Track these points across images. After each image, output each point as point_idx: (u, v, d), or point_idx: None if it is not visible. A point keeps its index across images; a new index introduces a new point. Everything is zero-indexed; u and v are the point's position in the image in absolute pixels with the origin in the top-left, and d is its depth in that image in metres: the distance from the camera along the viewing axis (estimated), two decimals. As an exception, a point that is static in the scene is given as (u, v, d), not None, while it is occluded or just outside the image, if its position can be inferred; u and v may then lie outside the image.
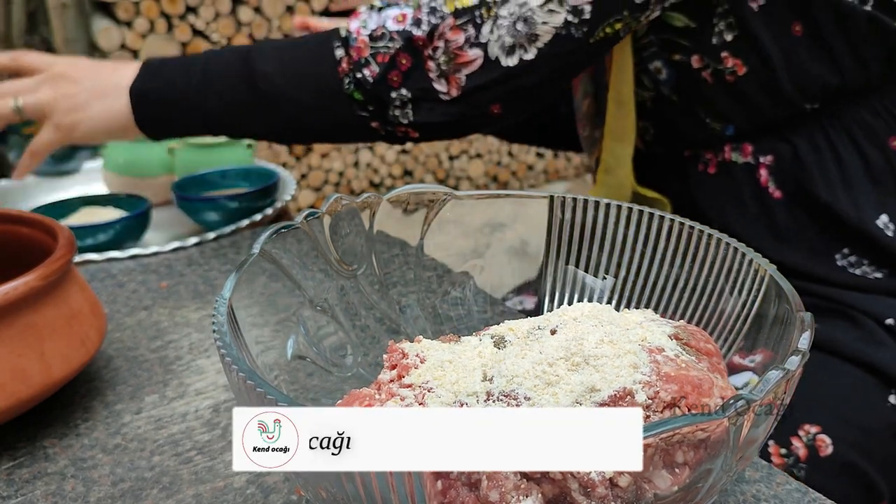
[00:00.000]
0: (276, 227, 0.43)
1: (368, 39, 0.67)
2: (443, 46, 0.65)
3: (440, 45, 0.65)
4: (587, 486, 0.29)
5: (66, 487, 0.44)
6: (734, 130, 0.74)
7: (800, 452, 0.64)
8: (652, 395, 0.32)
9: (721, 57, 0.70)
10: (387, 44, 0.66)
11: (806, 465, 0.64)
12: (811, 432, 0.64)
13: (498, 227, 0.51)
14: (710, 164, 0.76)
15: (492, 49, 0.64)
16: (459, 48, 0.64)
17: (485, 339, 0.41)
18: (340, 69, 0.68)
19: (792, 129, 0.72)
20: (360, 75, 0.67)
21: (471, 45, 0.64)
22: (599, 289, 0.49)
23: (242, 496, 0.43)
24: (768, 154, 0.73)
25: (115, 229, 0.76)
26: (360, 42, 0.67)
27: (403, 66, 0.66)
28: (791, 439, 0.64)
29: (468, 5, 0.64)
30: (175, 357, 0.57)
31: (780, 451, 0.64)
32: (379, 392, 0.38)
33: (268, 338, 0.42)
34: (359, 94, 0.68)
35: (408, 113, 0.68)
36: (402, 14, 0.67)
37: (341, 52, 0.68)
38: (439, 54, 0.65)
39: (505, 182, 2.79)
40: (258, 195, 0.83)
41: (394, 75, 0.66)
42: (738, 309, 0.42)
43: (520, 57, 0.64)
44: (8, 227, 0.55)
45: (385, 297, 0.49)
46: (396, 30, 0.66)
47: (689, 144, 0.78)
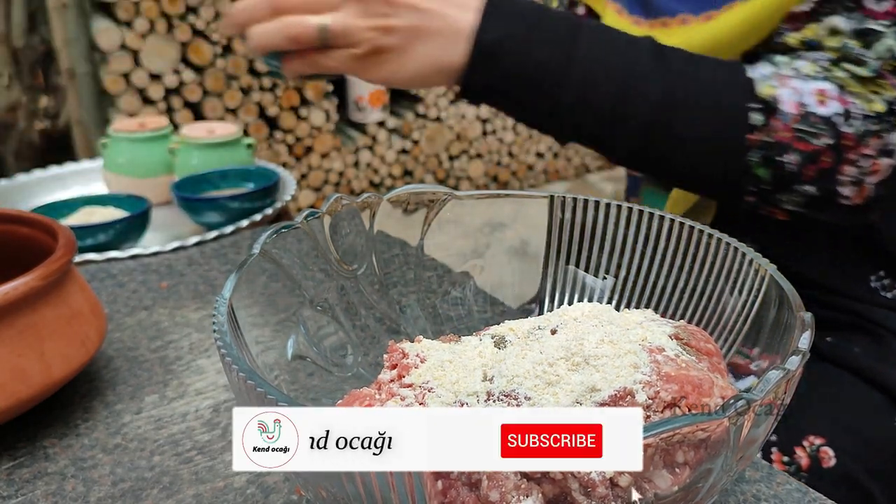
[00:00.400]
0: (276, 227, 0.43)
1: (800, 120, 0.58)
2: (868, 153, 0.58)
3: (867, 151, 0.58)
4: (587, 486, 0.29)
5: (67, 487, 0.44)
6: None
7: (802, 462, 0.63)
8: (652, 394, 0.32)
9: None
10: (812, 130, 0.58)
11: (807, 475, 0.63)
12: (815, 443, 0.64)
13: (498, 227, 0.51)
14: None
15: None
16: (874, 156, 0.58)
17: (485, 339, 0.41)
18: (751, 137, 0.59)
19: None
20: (779, 159, 0.58)
21: (881, 154, 0.58)
22: (599, 289, 0.49)
23: (242, 496, 0.43)
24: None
25: (115, 229, 0.76)
26: (793, 119, 0.58)
27: (824, 163, 0.58)
28: (795, 448, 0.64)
29: (882, 111, 0.58)
30: (175, 357, 0.57)
31: (783, 459, 0.64)
32: (379, 392, 0.38)
33: (268, 338, 0.42)
34: (764, 172, 0.59)
35: (798, 203, 0.61)
36: (822, 91, 0.58)
37: (760, 117, 0.58)
38: (861, 161, 0.58)
39: (505, 182, 2.79)
40: (258, 195, 0.83)
41: (810, 170, 0.59)
42: (739, 309, 0.42)
43: None
44: (8, 227, 0.55)
45: (385, 297, 0.49)
46: (823, 116, 0.58)
47: None
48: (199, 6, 1.99)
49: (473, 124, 2.62)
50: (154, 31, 1.95)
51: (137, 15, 1.93)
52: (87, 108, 2.04)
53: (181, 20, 1.99)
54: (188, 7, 1.99)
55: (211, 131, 0.93)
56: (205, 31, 2.02)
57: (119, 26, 1.92)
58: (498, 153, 2.74)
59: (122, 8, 1.91)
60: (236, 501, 0.42)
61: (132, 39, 1.93)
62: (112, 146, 0.93)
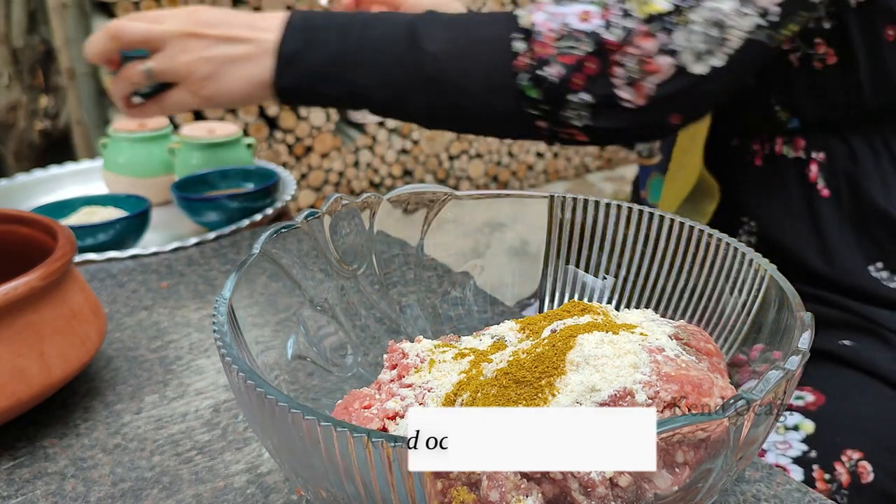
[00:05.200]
0: (276, 227, 0.43)
1: (554, 37, 0.63)
2: (634, 54, 0.61)
3: (632, 51, 0.61)
4: (587, 485, 0.29)
5: (66, 487, 0.44)
6: (798, 123, 0.72)
7: (842, 479, 0.63)
8: (652, 394, 0.32)
9: (814, 42, 0.68)
10: (573, 44, 0.63)
11: (848, 492, 0.63)
12: (853, 458, 0.64)
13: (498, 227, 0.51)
14: (756, 155, 0.75)
15: (683, 57, 0.61)
16: (650, 56, 0.61)
17: (485, 339, 0.41)
18: (517, 63, 0.64)
19: (849, 127, 0.71)
20: (541, 73, 0.63)
21: (661, 53, 0.61)
22: (599, 289, 0.49)
23: (242, 496, 0.43)
24: (821, 151, 0.71)
25: (115, 229, 0.76)
26: (546, 37, 0.63)
27: (590, 70, 0.62)
28: (835, 465, 0.63)
29: (661, 11, 0.61)
30: (175, 357, 0.57)
31: (825, 477, 0.63)
32: (379, 392, 0.38)
33: (268, 338, 0.42)
34: (534, 91, 0.64)
35: (584, 117, 0.64)
36: (586, 12, 0.64)
37: (522, 45, 0.64)
38: (629, 62, 0.62)
39: (505, 182, 2.79)
40: (258, 195, 0.83)
41: (577, 78, 0.63)
42: (739, 309, 0.42)
43: (710, 64, 0.61)
44: (8, 227, 0.55)
45: (385, 297, 0.49)
46: (584, 30, 0.63)
47: (742, 131, 0.76)
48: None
49: (473, 124, 2.62)
50: (154, 31, 1.95)
51: (137, 15, 1.93)
52: (87, 108, 2.04)
53: (181, 20, 1.98)
54: (188, 7, 1.99)
55: (211, 131, 0.93)
56: (205, 31, 2.02)
57: (119, 26, 1.92)
58: (498, 153, 2.74)
59: (122, 8, 1.91)
60: (236, 501, 0.42)
61: (132, 39, 1.93)
62: (112, 146, 0.93)
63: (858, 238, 0.71)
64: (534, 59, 0.63)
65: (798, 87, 0.70)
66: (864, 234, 0.70)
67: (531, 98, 0.64)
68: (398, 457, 0.27)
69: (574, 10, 0.63)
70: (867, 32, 0.67)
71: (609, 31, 0.62)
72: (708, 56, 0.61)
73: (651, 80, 0.62)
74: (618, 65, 0.62)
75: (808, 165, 0.72)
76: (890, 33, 0.66)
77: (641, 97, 0.62)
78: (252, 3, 2.07)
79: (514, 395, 0.33)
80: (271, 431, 0.31)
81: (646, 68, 0.61)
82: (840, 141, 0.71)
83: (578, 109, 0.64)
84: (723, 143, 0.78)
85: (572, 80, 0.63)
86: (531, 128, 0.67)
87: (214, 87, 0.68)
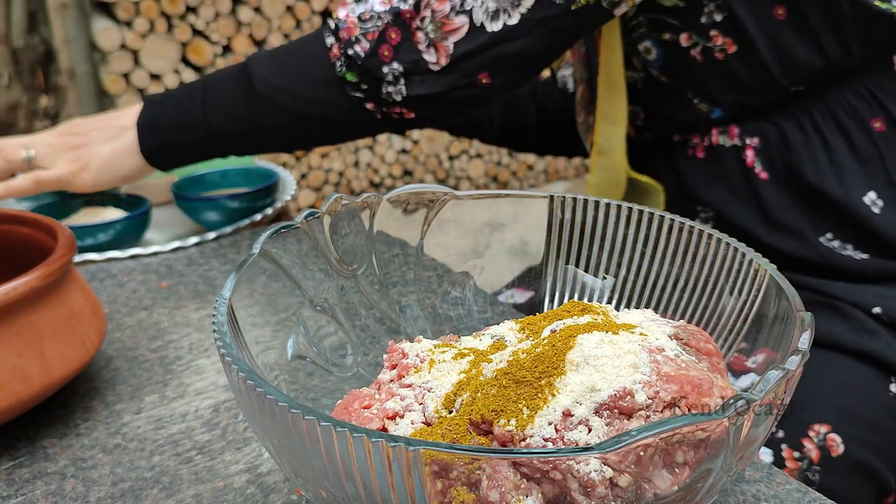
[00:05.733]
0: (276, 227, 0.43)
1: (357, 20, 0.68)
2: (429, 16, 0.66)
3: (427, 14, 0.66)
4: (587, 485, 0.29)
5: (66, 487, 0.44)
6: (721, 113, 0.75)
7: (812, 454, 0.64)
8: (652, 395, 0.32)
9: (710, 35, 0.71)
10: (376, 23, 0.68)
11: (819, 468, 0.64)
12: (821, 432, 0.65)
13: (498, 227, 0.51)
14: (697, 148, 0.78)
15: (476, 15, 0.65)
16: (446, 16, 0.66)
17: (485, 339, 0.41)
18: (332, 55, 0.69)
19: (778, 111, 0.73)
20: (351, 52, 0.68)
21: (456, 13, 0.66)
22: (599, 289, 0.49)
23: (242, 496, 0.43)
24: (755, 136, 0.74)
25: (116, 229, 0.76)
26: (350, 23, 0.69)
27: (393, 39, 0.67)
28: (802, 441, 0.64)
29: None
30: (175, 357, 0.57)
31: (794, 455, 0.64)
32: (379, 392, 0.38)
33: (268, 338, 0.42)
34: (351, 74, 0.69)
35: (401, 89, 0.69)
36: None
37: (332, 39, 0.69)
38: (427, 24, 0.66)
39: (505, 182, 2.79)
40: (258, 195, 0.83)
41: (384, 49, 0.68)
42: (738, 309, 0.42)
43: (504, 22, 0.65)
44: (8, 227, 0.55)
45: (385, 297, 0.49)
46: (384, 10, 0.68)
47: (677, 129, 0.79)
48: (199, 6, 1.99)
49: (473, 124, 2.62)
50: (154, 31, 1.95)
51: (137, 15, 1.93)
52: (87, 108, 2.04)
53: (181, 20, 1.99)
54: (188, 7, 1.99)
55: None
56: (205, 31, 2.02)
57: (119, 26, 1.92)
58: (498, 153, 2.74)
59: (122, 8, 1.91)
60: (236, 501, 0.42)
61: (132, 39, 1.93)
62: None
63: (803, 213, 0.73)
64: (342, 45, 0.69)
65: (708, 80, 0.73)
66: (806, 209, 0.73)
67: (351, 82, 0.69)
68: (398, 457, 0.27)
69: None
70: (758, 16, 0.69)
71: (405, 1, 0.67)
72: (502, 14, 0.65)
73: (450, 40, 0.66)
74: (418, 30, 0.67)
75: (745, 151, 0.75)
76: (780, 12, 0.68)
77: (444, 56, 0.67)
78: (252, 3, 2.07)
79: (514, 395, 0.33)
80: (271, 431, 0.31)
81: (444, 29, 0.66)
82: (771, 125, 0.73)
83: (394, 82, 0.69)
84: (667, 141, 0.81)
85: (380, 52, 0.68)
86: (365, 115, 0.71)
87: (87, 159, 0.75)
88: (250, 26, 2.08)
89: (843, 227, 0.72)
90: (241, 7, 2.06)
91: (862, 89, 0.71)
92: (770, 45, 0.69)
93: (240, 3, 2.06)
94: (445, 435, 0.33)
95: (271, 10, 2.10)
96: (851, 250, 0.72)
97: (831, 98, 0.71)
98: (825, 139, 0.71)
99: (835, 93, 0.71)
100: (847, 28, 0.68)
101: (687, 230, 0.45)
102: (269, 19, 2.11)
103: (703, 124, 0.76)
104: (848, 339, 0.69)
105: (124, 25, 1.93)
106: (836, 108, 0.71)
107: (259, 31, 2.10)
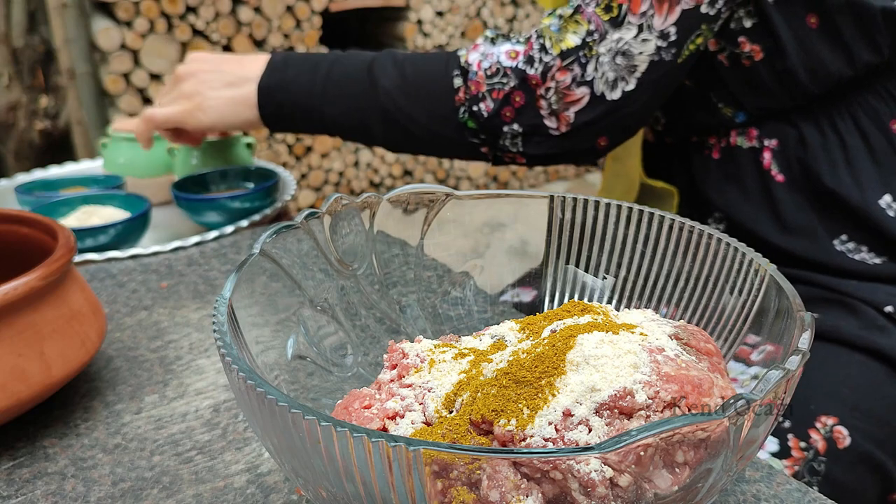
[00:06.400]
0: (276, 227, 0.43)
1: (485, 75, 0.71)
2: (553, 87, 0.68)
3: (551, 85, 0.68)
4: (587, 485, 0.29)
5: (66, 487, 0.44)
6: (745, 117, 0.75)
7: (818, 445, 0.64)
8: (652, 394, 0.32)
9: (738, 42, 0.71)
10: (501, 80, 0.70)
11: (825, 459, 0.64)
12: (828, 424, 0.65)
13: (498, 227, 0.51)
14: (713, 149, 0.78)
15: (597, 86, 0.67)
16: (567, 87, 0.68)
17: (485, 339, 0.41)
18: (458, 98, 0.72)
19: (798, 113, 0.73)
20: (475, 108, 0.71)
21: (578, 84, 0.68)
22: (599, 289, 0.49)
23: (242, 496, 0.43)
24: (773, 138, 0.74)
25: (115, 231, 0.76)
26: (479, 76, 0.71)
27: (517, 103, 0.70)
28: (809, 432, 0.65)
29: (572, 46, 0.68)
30: (175, 357, 0.57)
31: (800, 445, 0.64)
32: (379, 392, 0.38)
33: (268, 338, 0.42)
34: (472, 123, 0.72)
35: (517, 144, 0.72)
36: (515, 51, 0.71)
37: (459, 81, 0.72)
38: (550, 94, 0.69)
39: (505, 182, 2.79)
40: (258, 195, 0.83)
41: (507, 111, 0.71)
42: (739, 309, 0.42)
43: (622, 89, 0.67)
44: (8, 227, 0.55)
45: (385, 297, 0.49)
46: (511, 66, 0.70)
47: (697, 131, 0.79)
48: (199, 6, 1.99)
49: (473, 124, 2.62)
50: (154, 30, 1.95)
51: (137, 15, 1.93)
52: (87, 109, 2.04)
53: (181, 20, 1.99)
54: (188, 7, 1.99)
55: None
56: (205, 31, 2.02)
57: (119, 26, 1.92)
58: (498, 153, 2.74)
59: (122, 8, 1.91)
60: (236, 501, 0.42)
61: (132, 39, 1.93)
62: (112, 146, 0.93)
63: (818, 216, 0.74)
64: (469, 95, 0.72)
65: (734, 84, 0.74)
66: (821, 212, 0.74)
67: (471, 129, 0.73)
68: (398, 457, 0.27)
69: (503, 49, 0.72)
70: (791, 24, 0.69)
71: (531, 66, 0.69)
72: (620, 82, 0.67)
73: (571, 110, 0.69)
74: (541, 97, 0.69)
75: (762, 153, 0.75)
76: (812, 21, 0.69)
77: (564, 125, 0.70)
78: (252, 3, 2.07)
79: (514, 395, 0.33)
80: (271, 431, 0.31)
81: (566, 99, 0.69)
82: (790, 127, 0.74)
83: (512, 138, 0.72)
84: (684, 141, 0.81)
85: (503, 113, 0.71)
86: (478, 153, 0.76)
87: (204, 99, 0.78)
88: (250, 26, 2.08)
89: (858, 230, 0.72)
90: (241, 7, 2.06)
91: (882, 91, 0.72)
92: (799, 52, 0.70)
93: (240, 3, 2.06)
94: (445, 435, 0.33)
95: (271, 10, 2.10)
96: (866, 253, 0.72)
97: (853, 100, 0.72)
98: (843, 140, 0.72)
99: (857, 95, 0.72)
100: (879, 36, 0.68)
101: (687, 230, 0.45)
102: (269, 19, 2.11)
103: (726, 127, 0.77)
104: (858, 335, 0.69)
105: (124, 25, 1.93)
106: (857, 109, 0.72)
107: (259, 31, 2.10)
